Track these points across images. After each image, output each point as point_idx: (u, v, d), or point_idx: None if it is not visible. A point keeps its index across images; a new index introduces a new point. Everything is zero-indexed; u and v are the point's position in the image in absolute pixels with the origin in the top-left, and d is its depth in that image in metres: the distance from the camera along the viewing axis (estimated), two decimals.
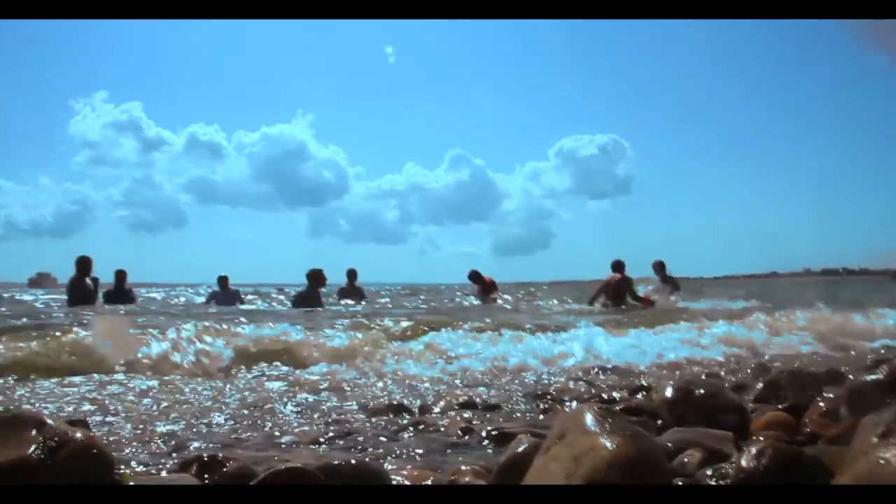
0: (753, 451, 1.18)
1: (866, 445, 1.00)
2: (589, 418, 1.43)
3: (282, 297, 15.62)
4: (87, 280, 11.07)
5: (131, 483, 1.37)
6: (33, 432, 1.24)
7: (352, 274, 13.52)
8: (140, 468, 1.96)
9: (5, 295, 19.38)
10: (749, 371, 3.79)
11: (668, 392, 2.05)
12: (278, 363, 5.02)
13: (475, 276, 14.27)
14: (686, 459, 1.51)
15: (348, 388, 4.01)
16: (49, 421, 1.27)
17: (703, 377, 3.56)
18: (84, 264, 11.05)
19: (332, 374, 4.46)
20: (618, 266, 12.72)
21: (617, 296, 12.40)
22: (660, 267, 13.48)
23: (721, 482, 1.21)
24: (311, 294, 11.45)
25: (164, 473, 1.80)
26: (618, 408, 2.18)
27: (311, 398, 3.62)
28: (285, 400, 3.70)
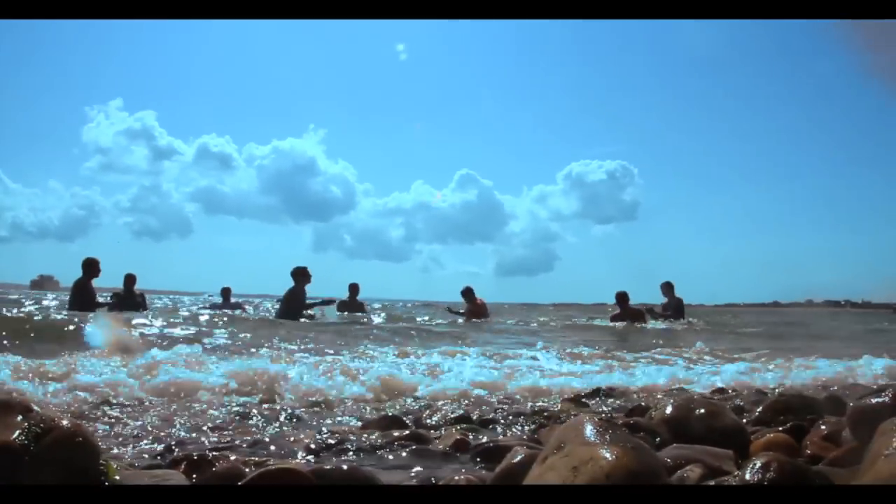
0: (758, 463, 1.15)
1: (886, 447, 0.98)
2: (589, 429, 1.40)
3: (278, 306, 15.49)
4: (93, 285, 11.09)
5: (117, 477, 1.34)
6: (19, 418, 1.21)
7: (353, 288, 13.57)
8: (127, 463, 1.92)
9: (11, 297, 19.30)
10: (747, 396, 3.75)
11: (668, 410, 2.02)
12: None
13: (468, 294, 14.05)
14: (686, 475, 1.47)
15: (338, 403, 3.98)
16: (35, 408, 1.24)
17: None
18: (91, 267, 11.06)
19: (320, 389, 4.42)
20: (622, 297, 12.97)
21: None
22: (668, 288, 13.69)
23: None
24: (297, 291, 11.44)
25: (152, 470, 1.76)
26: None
27: (300, 411, 3.58)
28: (278, 411, 3.66)
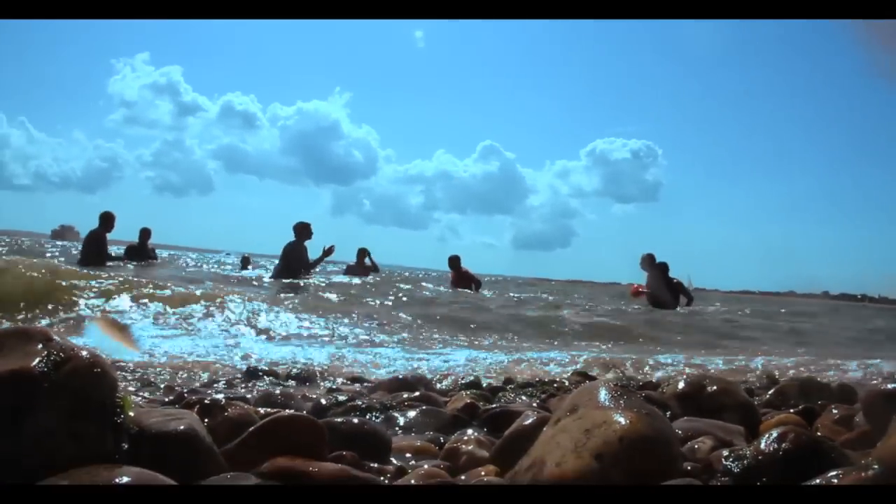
0: (774, 434, 1.14)
1: None
2: (603, 394, 1.40)
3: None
4: (108, 239, 11.25)
5: (131, 413, 1.34)
6: (39, 346, 1.22)
7: (362, 253, 13.54)
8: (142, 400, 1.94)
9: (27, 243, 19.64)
10: (758, 379, 3.75)
11: (681, 385, 2.02)
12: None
13: (454, 262, 13.54)
14: (697, 446, 1.48)
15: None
16: (56, 337, 1.24)
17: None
18: (107, 220, 11.21)
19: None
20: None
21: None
22: (650, 261, 12.32)
23: (736, 466, 1.18)
24: (298, 247, 11.46)
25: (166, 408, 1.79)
26: None
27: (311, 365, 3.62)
28: (288, 368, 3.70)
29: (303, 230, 11.55)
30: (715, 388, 2.00)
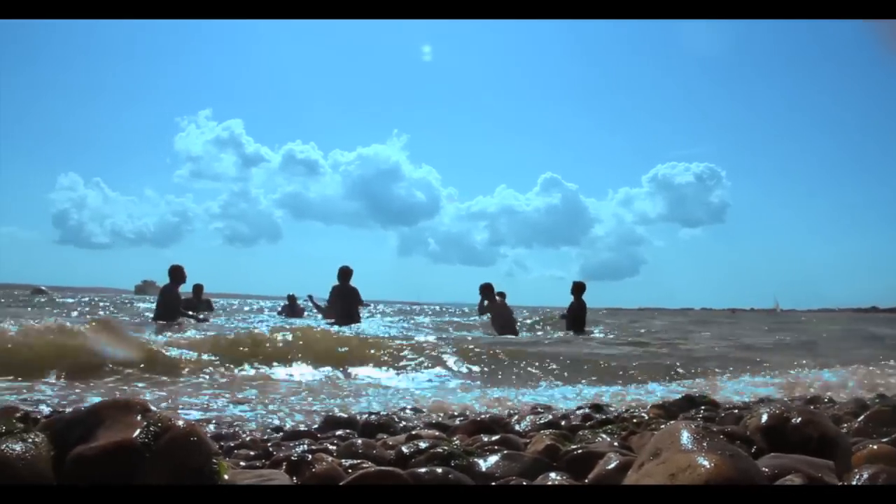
0: (866, 474, 1.13)
1: None
2: (685, 436, 1.41)
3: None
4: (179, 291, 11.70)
5: (226, 476, 1.42)
6: (138, 417, 1.32)
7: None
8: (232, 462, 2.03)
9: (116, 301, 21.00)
10: (845, 405, 3.62)
11: (764, 418, 1.99)
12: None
13: (487, 290, 12.54)
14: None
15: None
16: (153, 408, 1.34)
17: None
18: (176, 273, 11.59)
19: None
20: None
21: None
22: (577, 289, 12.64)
23: None
24: (346, 289, 11.84)
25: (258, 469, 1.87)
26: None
27: (384, 412, 3.68)
28: (362, 407, 3.78)
29: (349, 274, 11.88)
30: (800, 419, 1.96)
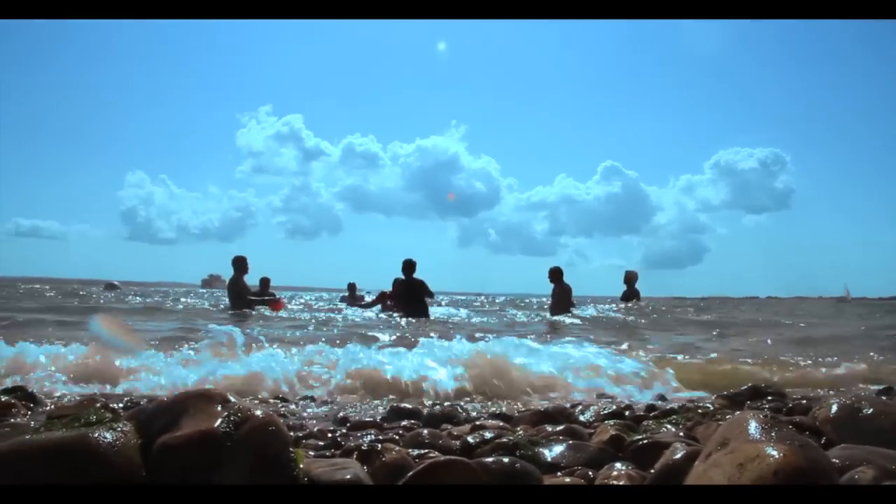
0: None
1: None
2: (753, 426, 1.42)
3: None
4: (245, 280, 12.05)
5: (301, 465, 1.49)
6: (219, 407, 1.40)
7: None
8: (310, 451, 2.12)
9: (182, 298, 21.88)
10: None
11: (834, 409, 1.97)
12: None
13: (556, 274, 12.82)
14: (857, 476, 1.45)
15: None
16: (232, 398, 1.42)
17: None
18: (239, 263, 11.99)
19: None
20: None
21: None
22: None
23: None
24: (411, 283, 11.78)
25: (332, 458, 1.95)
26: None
27: (445, 403, 3.74)
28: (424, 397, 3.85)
29: (413, 267, 11.87)
30: (871, 409, 1.94)
